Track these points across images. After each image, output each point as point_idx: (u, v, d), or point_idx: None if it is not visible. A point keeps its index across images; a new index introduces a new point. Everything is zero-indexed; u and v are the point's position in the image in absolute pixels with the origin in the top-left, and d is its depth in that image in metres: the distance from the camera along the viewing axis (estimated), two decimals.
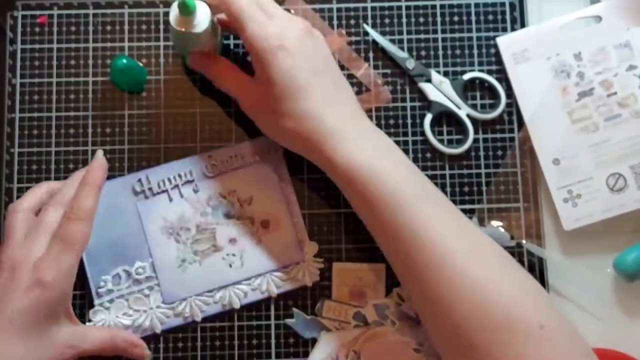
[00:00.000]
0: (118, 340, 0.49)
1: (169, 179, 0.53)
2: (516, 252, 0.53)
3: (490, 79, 0.55)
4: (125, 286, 0.51)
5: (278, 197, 0.53)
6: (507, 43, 0.55)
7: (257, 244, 0.52)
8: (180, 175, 0.53)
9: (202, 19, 0.48)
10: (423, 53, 0.56)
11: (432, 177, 0.54)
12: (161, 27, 0.56)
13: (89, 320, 0.51)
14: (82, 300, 0.52)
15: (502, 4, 0.56)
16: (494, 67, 0.55)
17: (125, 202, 0.52)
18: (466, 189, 0.54)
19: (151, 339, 0.51)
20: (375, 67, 0.56)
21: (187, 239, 0.52)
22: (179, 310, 0.51)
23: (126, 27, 0.56)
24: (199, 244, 0.52)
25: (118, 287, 0.51)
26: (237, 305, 0.52)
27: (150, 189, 0.52)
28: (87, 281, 0.51)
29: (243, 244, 0.52)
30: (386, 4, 0.56)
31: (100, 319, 0.51)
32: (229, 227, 0.52)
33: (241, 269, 0.52)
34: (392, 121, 0.55)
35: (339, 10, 0.56)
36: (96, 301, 0.51)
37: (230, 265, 0.52)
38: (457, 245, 0.43)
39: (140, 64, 0.55)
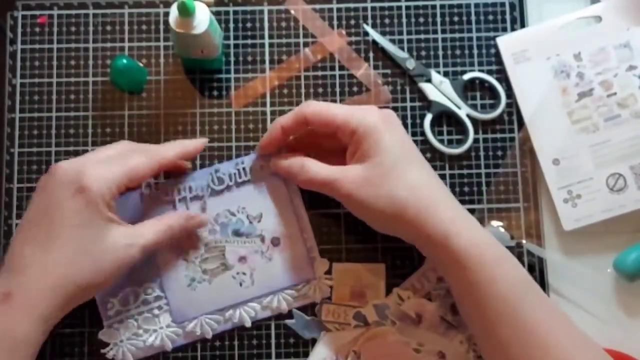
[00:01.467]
0: (174, 227, 0.48)
1: (178, 190, 0.52)
2: (516, 252, 0.53)
3: (490, 79, 0.55)
4: (134, 306, 0.51)
5: (288, 212, 0.52)
6: (507, 43, 0.55)
7: (267, 262, 0.52)
8: (189, 188, 0.52)
9: (202, 20, 0.48)
10: (423, 53, 0.56)
11: None
12: (161, 27, 0.56)
13: (101, 343, 0.51)
14: (91, 321, 0.51)
15: (502, 4, 0.56)
16: (494, 67, 0.55)
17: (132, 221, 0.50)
18: (466, 189, 0.54)
19: None
20: (375, 67, 0.56)
21: (195, 257, 0.52)
22: (189, 329, 0.51)
23: (126, 27, 0.56)
24: (207, 262, 0.52)
25: (127, 308, 0.51)
26: (248, 324, 0.51)
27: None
28: (95, 302, 0.51)
29: (253, 262, 0.52)
30: (386, 4, 0.56)
31: (110, 340, 0.51)
32: (239, 245, 0.52)
33: (252, 287, 0.51)
34: None
35: (339, 10, 0.56)
36: (105, 322, 0.51)
37: (241, 284, 0.51)
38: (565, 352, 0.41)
39: (140, 64, 0.55)
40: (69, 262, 0.43)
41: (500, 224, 0.53)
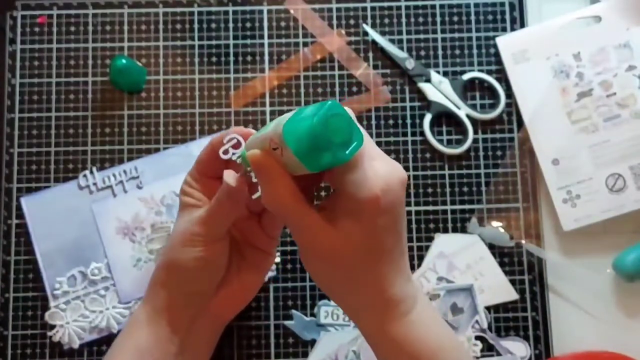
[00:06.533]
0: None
1: (113, 175, 0.53)
2: (515, 252, 0.53)
3: (490, 79, 0.55)
4: (81, 287, 0.52)
5: None
6: (507, 43, 0.55)
7: None
8: (125, 172, 0.53)
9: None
10: (423, 53, 0.56)
11: (431, 177, 0.54)
12: (160, 27, 0.56)
13: (47, 325, 0.52)
14: (37, 302, 0.52)
15: (502, 4, 0.56)
16: (493, 67, 0.55)
17: (80, 203, 0.53)
18: (465, 189, 0.54)
19: None
20: (375, 67, 0.56)
21: (142, 238, 0.52)
22: (135, 310, 0.51)
23: (126, 27, 0.56)
24: (154, 243, 0.53)
25: (74, 289, 0.52)
26: None
27: (95, 184, 0.53)
28: (42, 283, 0.52)
29: None
30: (386, 4, 0.56)
31: (57, 322, 0.51)
32: None
33: None
34: (391, 121, 0.55)
35: (338, 10, 0.56)
36: (52, 303, 0.52)
37: None
38: None
39: (140, 64, 0.55)
40: None
41: (500, 224, 0.53)
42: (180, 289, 0.44)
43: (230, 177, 0.40)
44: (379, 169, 0.36)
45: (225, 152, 0.41)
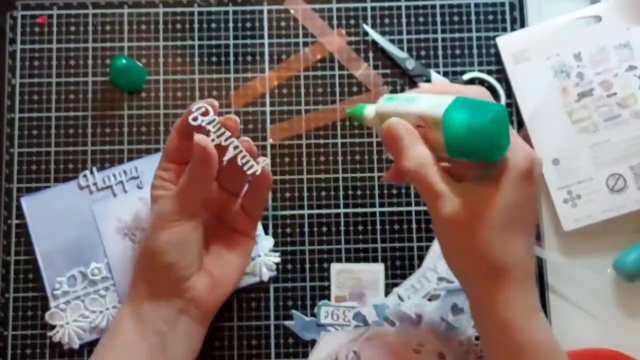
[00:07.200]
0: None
1: (113, 175, 0.53)
2: None
3: (490, 79, 0.55)
4: (81, 287, 0.52)
5: None
6: (507, 43, 0.54)
7: None
8: (125, 172, 0.53)
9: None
10: (423, 53, 0.56)
11: None
12: (160, 27, 0.56)
13: (47, 325, 0.52)
14: (37, 302, 0.52)
15: (502, 4, 0.56)
16: (493, 67, 0.55)
17: (80, 203, 0.53)
18: None
19: None
20: (375, 67, 0.56)
21: (142, 238, 0.52)
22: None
23: (126, 27, 0.56)
24: None
25: (74, 289, 0.52)
26: None
27: (95, 184, 0.53)
28: (42, 283, 0.52)
29: None
30: (386, 4, 0.56)
31: (57, 322, 0.51)
32: None
33: None
34: None
35: (338, 10, 0.56)
36: (52, 303, 0.52)
37: None
38: None
39: (140, 64, 0.55)
40: None
41: None
42: (159, 279, 0.44)
43: (201, 138, 0.42)
44: (525, 143, 0.38)
45: (195, 119, 0.43)
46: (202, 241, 0.46)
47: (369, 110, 0.42)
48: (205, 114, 0.43)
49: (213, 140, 0.43)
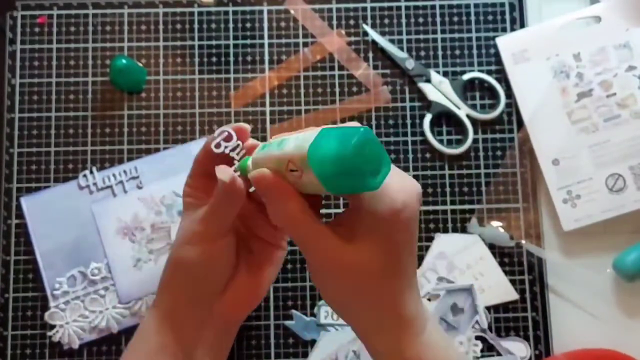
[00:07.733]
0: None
1: (113, 175, 0.53)
2: (515, 252, 0.53)
3: (490, 79, 0.55)
4: (80, 287, 0.52)
5: None
6: (507, 43, 0.55)
7: None
8: (125, 172, 0.53)
9: None
10: (422, 53, 0.56)
11: (431, 177, 0.54)
12: (160, 27, 0.56)
13: (47, 325, 0.52)
14: (37, 302, 0.52)
15: (502, 4, 0.56)
16: (493, 67, 0.55)
17: (80, 203, 0.53)
18: (465, 189, 0.54)
19: None
20: (375, 67, 0.56)
21: (142, 238, 0.53)
22: (135, 310, 0.52)
23: (126, 27, 0.56)
24: (153, 242, 0.53)
25: (73, 289, 0.52)
26: None
27: (95, 184, 0.53)
28: (42, 283, 0.52)
29: None
30: (386, 4, 0.56)
31: (57, 322, 0.51)
32: None
33: None
34: (391, 121, 0.55)
35: (338, 10, 0.56)
36: (52, 303, 0.52)
37: None
38: None
39: (140, 64, 0.55)
40: None
41: (500, 224, 0.53)
42: (185, 290, 0.43)
43: (222, 173, 0.39)
44: (396, 184, 0.35)
45: (217, 145, 0.40)
46: (233, 256, 0.44)
47: (250, 162, 0.39)
48: (228, 139, 0.40)
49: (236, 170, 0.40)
